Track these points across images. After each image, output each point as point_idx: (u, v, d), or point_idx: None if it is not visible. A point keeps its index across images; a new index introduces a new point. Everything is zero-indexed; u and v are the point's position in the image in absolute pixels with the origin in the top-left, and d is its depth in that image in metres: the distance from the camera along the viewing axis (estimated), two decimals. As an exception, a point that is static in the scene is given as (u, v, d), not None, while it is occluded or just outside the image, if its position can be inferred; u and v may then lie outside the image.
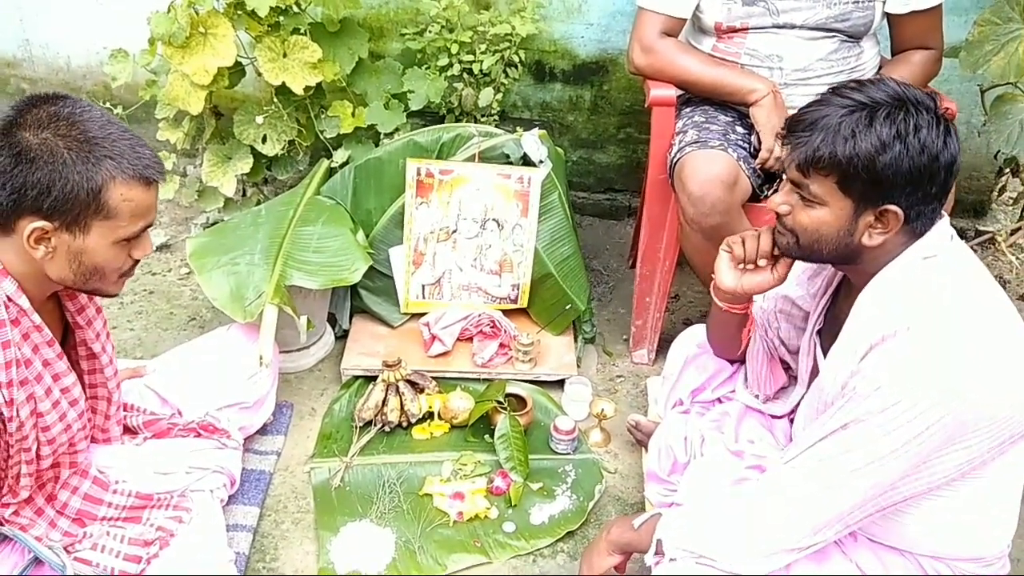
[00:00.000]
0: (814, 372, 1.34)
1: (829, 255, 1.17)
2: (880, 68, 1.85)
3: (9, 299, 1.13)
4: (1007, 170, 2.27)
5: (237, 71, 2.09)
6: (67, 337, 1.32)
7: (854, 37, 1.75)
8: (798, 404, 1.39)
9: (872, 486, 1.09)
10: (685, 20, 1.80)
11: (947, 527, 1.17)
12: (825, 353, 1.28)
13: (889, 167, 1.06)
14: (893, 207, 1.09)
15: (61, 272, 1.15)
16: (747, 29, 1.74)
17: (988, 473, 1.13)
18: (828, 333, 1.30)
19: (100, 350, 1.34)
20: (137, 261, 1.21)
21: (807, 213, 1.15)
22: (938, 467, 1.10)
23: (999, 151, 2.30)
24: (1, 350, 1.11)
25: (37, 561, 1.22)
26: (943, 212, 1.16)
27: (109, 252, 1.15)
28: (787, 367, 1.49)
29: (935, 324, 1.07)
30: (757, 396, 1.53)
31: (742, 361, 1.55)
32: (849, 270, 1.22)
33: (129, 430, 1.50)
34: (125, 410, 1.50)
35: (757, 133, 1.72)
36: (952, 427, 1.06)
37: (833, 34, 1.73)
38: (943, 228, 1.15)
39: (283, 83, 1.97)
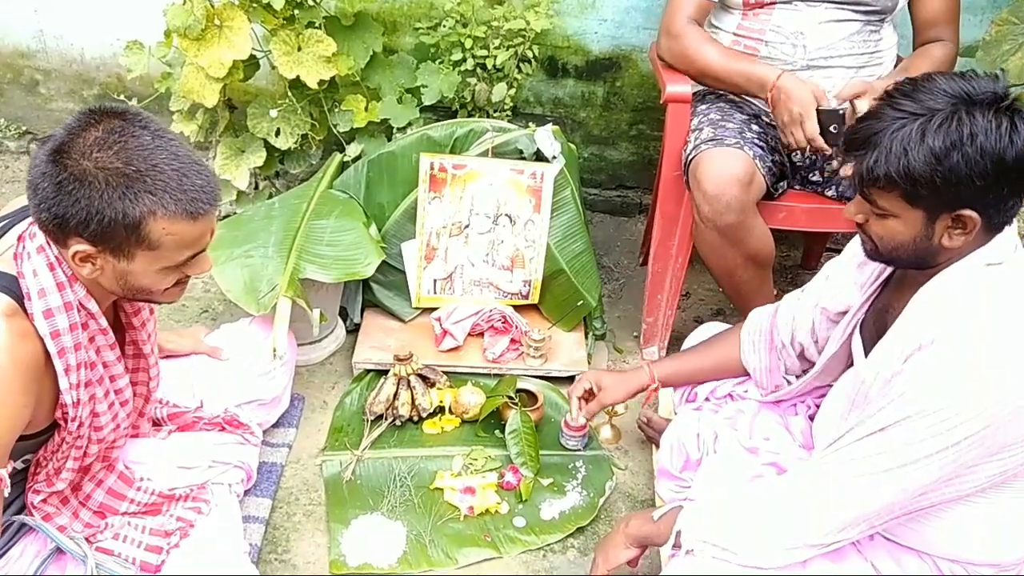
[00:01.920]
0: (847, 362, 1.32)
1: (909, 258, 1.14)
2: (897, 64, 1.84)
3: (80, 303, 1.14)
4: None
5: (252, 64, 2.09)
6: (116, 334, 1.33)
7: (880, 15, 1.74)
8: (812, 392, 1.37)
9: (902, 490, 1.08)
10: (716, 2, 1.80)
11: (968, 532, 1.17)
12: (866, 344, 1.26)
13: (951, 178, 1.02)
14: (967, 211, 1.05)
15: (110, 287, 1.15)
16: (774, 4, 1.73)
17: (1016, 483, 1.12)
18: (871, 324, 1.27)
19: (149, 351, 1.36)
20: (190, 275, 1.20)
21: (881, 224, 1.12)
22: (970, 478, 1.09)
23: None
24: (73, 352, 1.12)
25: (58, 551, 1.23)
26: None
27: (156, 276, 1.14)
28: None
29: (988, 333, 1.04)
30: (761, 392, 1.52)
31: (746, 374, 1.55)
32: (926, 271, 1.18)
33: (154, 423, 1.51)
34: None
35: (776, 129, 1.72)
36: (991, 439, 1.04)
37: (857, 14, 1.72)
38: (1010, 235, 1.11)
39: (297, 77, 1.97)
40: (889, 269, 1.27)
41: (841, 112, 1.61)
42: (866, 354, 1.25)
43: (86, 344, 1.16)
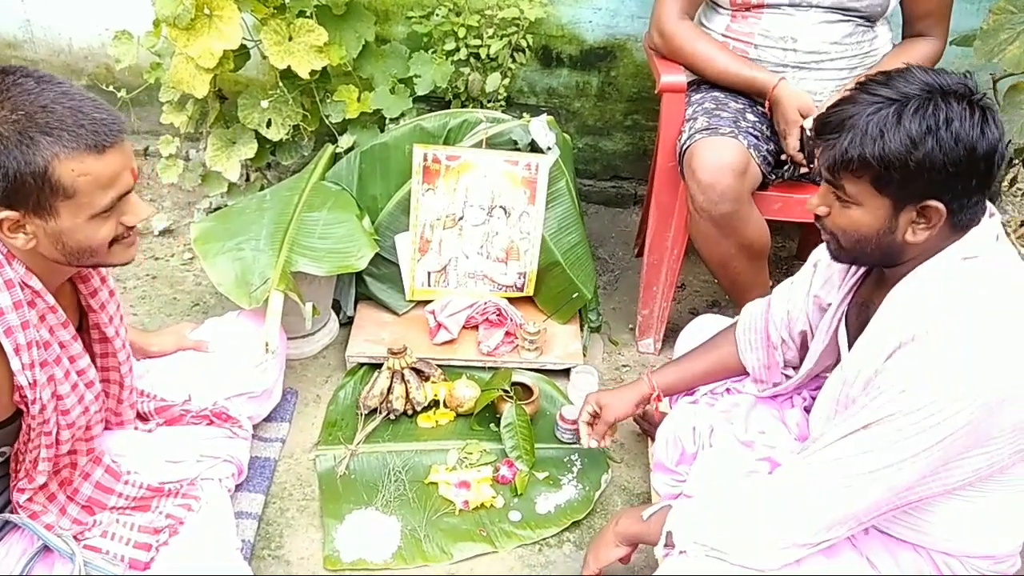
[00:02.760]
0: (836, 357, 1.32)
1: (873, 255, 1.13)
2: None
3: (23, 282, 1.10)
4: (1017, 161, 2.25)
5: (242, 54, 2.06)
6: (81, 321, 1.31)
7: (870, 20, 1.73)
8: (809, 384, 1.36)
9: (888, 488, 1.07)
10: None
11: (962, 524, 1.16)
12: (851, 337, 1.25)
13: (923, 164, 1.01)
14: (934, 202, 1.04)
15: (51, 254, 1.11)
16: (763, 7, 1.72)
17: (1007, 474, 1.12)
18: (853, 320, 1.27)
19: (114, 334, 1.33)
20: (132, 227, 1.15)
21: (845, 214, 1.11)
22: (956, 471, 1.09)
23: (1010, 141, 2.28)
24: (21, 331, 1.08)
25: (45, 548, 1.21)
26: (991, 209, 1.12)
27: (89, 228, 1.08)
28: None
29: (968, 328, 1.03)
30: (760, 387, 1.51)
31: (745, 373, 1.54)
32: (892, 269, 1.17)
33: (140, 416, 1.49)
34: (137, 396, 1.49)
35: (771, 120, 1.71)
36: (976, 434, 1.04)
37: (849, 16, 1.71)
38: (989, 226, 1.10)
39: (288, 67, 1.94)
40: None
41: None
42: (850, 347, 1.24)
43: (36, 323, 1.11)
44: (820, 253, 1.38)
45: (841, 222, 1.12)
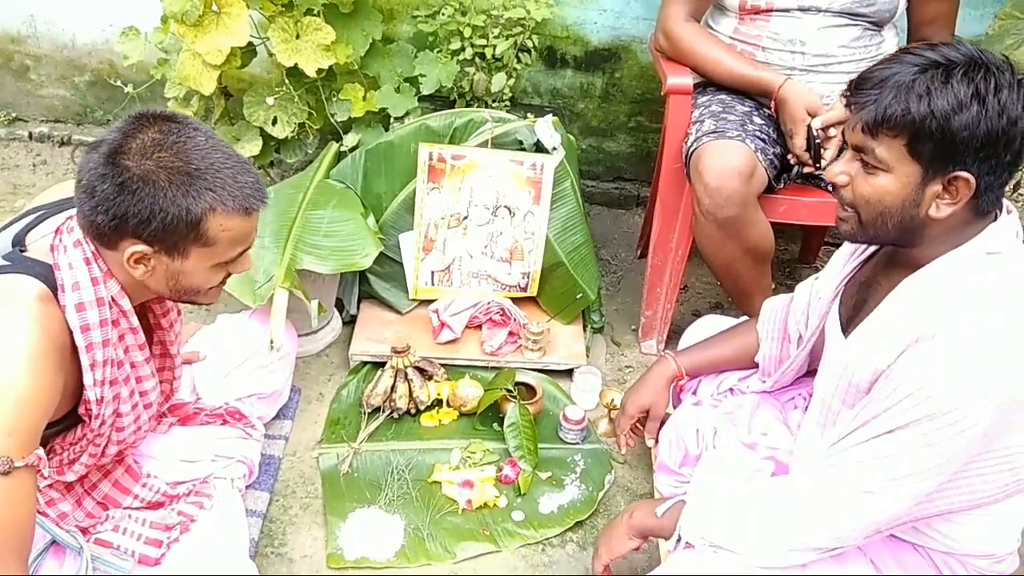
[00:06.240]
0: (822, 337, 1.30)
1: (894, 231, 1.08)
2: None
3: (113, 300, 1.14)
4: (1022, 168, 2.26)
5: (248, 51, 2.06)
6: (146, 335, 1.33)
7: (878, 24, 1.74)
8: (805, 385, 1.36)
9: (912, 496, 1.06)
10: (711, 0, 1.79)
11: (963, 525, 1.16)
12: (842, 318, 1.23)
13: (965, 128, 0.98)
14: (964, 173, 1.00)
15: (158, 287, 1.17)
16: (771, 10, 1.72)
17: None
18: (849, 297, 1.24)
19: (176, 351, 1.37)
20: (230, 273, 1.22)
21: (869, 182, 1.06)
22: (980, 486, 1.08)
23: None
24: (101, 348, 1.12)
25: (54, 543, 1.21)
26: (1009, 206, 1.09)
27: (207, 274, 1.17)
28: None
29: (995, 326, 1.01)
30: (764, 381, 1.51)
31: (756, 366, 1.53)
32: (908, 250, 1.12)
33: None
34: None
35: (779, 123, 1.71)
36: (995, 437, 1.03)
37: (857, 20, 1.71)
38: (1011, 223, 1.08)
39: (295, 64, 1.94)
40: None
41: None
42: (843, 328, 1.22)
43: (115, 342, 1.16)
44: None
45: (865, 191, 1.07)
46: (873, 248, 1.24)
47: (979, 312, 1.02)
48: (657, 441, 1.60)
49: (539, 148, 1.96)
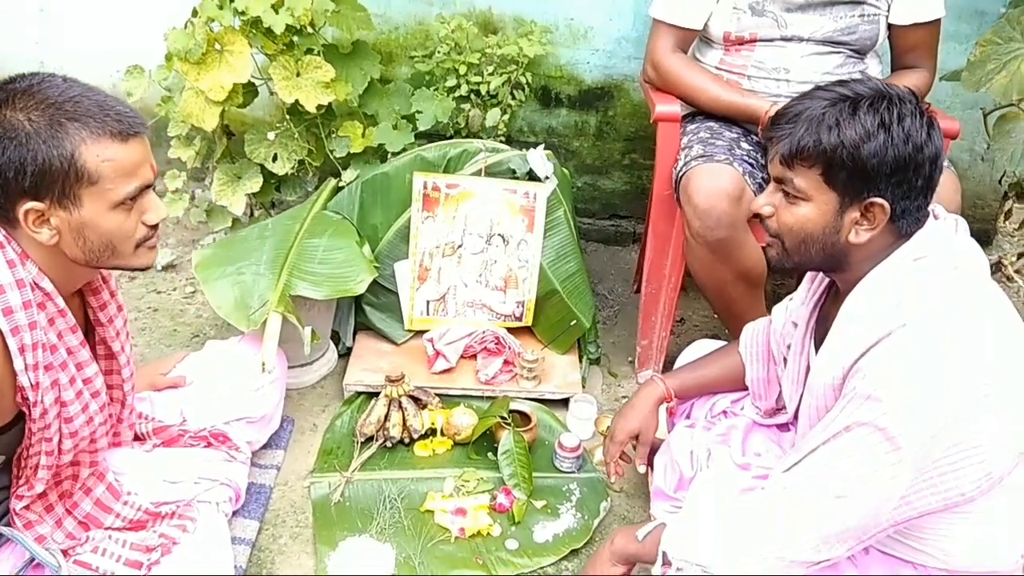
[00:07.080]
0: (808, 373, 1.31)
1: (817, 257, 1.15)
2: None
3: (35, 283, 1.11)
4: (1011, 195, 2.28)
5: (250, 91, 2.12)
6: (88, 335, 1.31)
7: (860, 52, 1.78)
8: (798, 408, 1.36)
9: (886, 498, 1.05)
10: (698, 32, 1.84)
11: (960, 541, 1.14)
12: (817, 347, 1.25)
13: (874, 156, 1.05)
14: (879, 200, 1.07)
15: (72, 252, 1.13)
16: (755, 41, 1.77)
17: (1005, 487, 1.10)
18: (820, 336, 1.27)
19: (119, 349, 1.33)
20: (155, 227, 1.18)
21: (791, 211, 1.13)
22: (953, 483, 1.07)
23: (1003, 176, 2.32)
24: (28, 331, 1.08)
25: (34, 562, 1.19)
26: (940, 212, 1.14)
27: (111, 220, 1.12)
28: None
29: (930, 326, 1.04)
30: (758, 409, 1.50)
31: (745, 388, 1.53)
32: (838, 276, 1.20)
33: (137, 437, 1.48)
34: (136, 417, 1.48)
35: (765, 147, 1.74)
36: (958, 433, 1.03)
37: (839, 48, 1.76)
38: (937, 228, 1.12)
39: (296, 102, 1.99)
40: (827, 281, 1.28)
41: None
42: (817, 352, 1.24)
43: (44, 325, 1.12)
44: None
45: (788, 220, 1.14)
46: (825, 285, 1.29)
47: (914, 314, 1.05)
48: (650, 466, 1.58)
49: (532, 178, 1.99)
